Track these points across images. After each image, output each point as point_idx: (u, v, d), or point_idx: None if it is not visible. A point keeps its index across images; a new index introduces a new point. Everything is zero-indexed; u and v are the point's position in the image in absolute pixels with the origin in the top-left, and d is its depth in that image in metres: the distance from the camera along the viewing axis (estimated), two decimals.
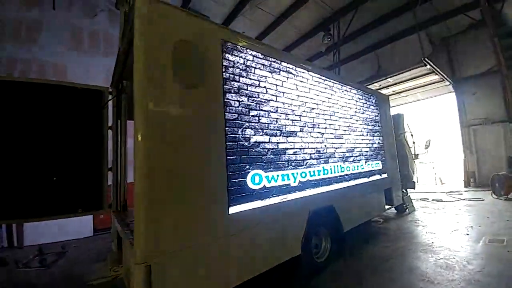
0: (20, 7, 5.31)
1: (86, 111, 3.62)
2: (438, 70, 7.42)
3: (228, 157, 2.53)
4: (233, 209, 2.49)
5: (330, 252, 3.64)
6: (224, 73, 2.62)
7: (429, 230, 4.77)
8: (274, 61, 3.19)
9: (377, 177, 4.89)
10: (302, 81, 3.55)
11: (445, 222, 5.24)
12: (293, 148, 3.25)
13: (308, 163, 3.42)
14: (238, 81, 2.75)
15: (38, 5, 5.53)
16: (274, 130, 3.04)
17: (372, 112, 5.13)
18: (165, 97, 2.17)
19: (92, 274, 3.09)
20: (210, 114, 2.45)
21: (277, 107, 3.13)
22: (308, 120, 3.54)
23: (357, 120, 4.60)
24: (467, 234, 4.37)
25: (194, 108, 2.35)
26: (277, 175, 2.98)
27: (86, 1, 6.17)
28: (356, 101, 4.69)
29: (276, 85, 3.17)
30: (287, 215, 3.01)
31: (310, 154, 3.49)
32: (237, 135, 2.64)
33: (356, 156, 4.39)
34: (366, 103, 4.97)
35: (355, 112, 4.60)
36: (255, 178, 2.73)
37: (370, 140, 4.88)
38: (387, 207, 5.28)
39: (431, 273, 3.09)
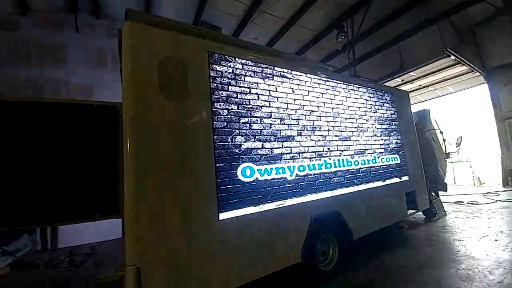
0: (45, 31, 6.02)
1: (103, 125, 4.00)
2: (464, 60, 6.69)
3: (218, 165, 2.59)
4: (223, 215, 2.54)
5: (338, 261, 3.47)
6: (212, 84, 2.71)
7: (457, 237, 4.29)
8: (266, 67, 3.20)
9: (395, 179, 4.55)
10: (299, 84, 3.50)
11: (476, 228, 4.75)
12: (290, 153, 3.20)
13: (307, 168, 3.33)
14: (227, 90, 2.81)
15: (62, 29, 6.25)
16: (267, 136, 3.04)
17: (386, 110, 4.81)
18: (152, 111, 2.32)
19: (107, 274, 3.38)
20: (197, 124, 2.55)
21: (270, 112, 3.12)
22: (307, 124, 3.46)
23: (367, 120, 4.36)
24: (496, 240, 3.94)
25: (181, 119, 2.47)
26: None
27: (107, 22, 6.83)
28: (366, 99, 4.45)
29: (269, 90, 3.17)
30: (284, 221, 2.96)
31: (310, 158, 3.40)
32: (227, 143, 2.70)
33: (367, 159, 4.15)
34: (378, 101, 4.68)
35: (365, 111, 4.36)
36: (246, 185, 2.76)
37: (384, 140, 4.58)
38: (411, 211, 4.88)
39: (448, 285, 2.79)
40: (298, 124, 3.37)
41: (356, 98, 4.27)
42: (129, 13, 2.42)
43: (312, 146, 3.46)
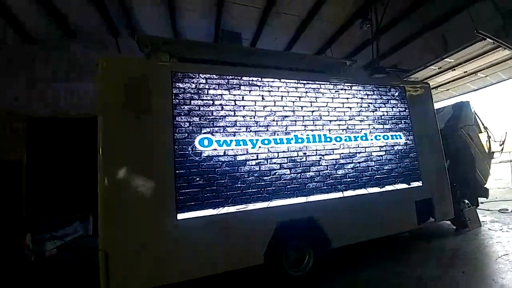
0: (92, 52, 7.34)
1: None
2: (503, 42, 5.27)
3: (177, 171, 2.95)
4: (181, 216, 2.90)
5: (313, 267, 3.42)
6: (174, 100, 3.08)
7: (476, 255, 3.60)
8: (232, 78, 3.39)
9: (399, 185, 4.09)
10: (270, 91, 3.56)
11: (506, 243, 3.89)
12: (256, 159, 3.33)
13: (276, 173, 3.39)
14: (189, 104, 3.14)
15: (107, 49, 7.55)
16: (230, 143, 3.24)
17: (392, 108, 4.33)
18: (119, 124, 2.85)
19: None
20: (159, 136, 2.96)
21: (235, 121, 3.31)
22: (278, 129, 3.50)
23: (361, 121, 4.04)
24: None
25: (146, 131, 2.93)
26: (230, 185, 3.16)
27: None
28: (362, 98, 4.12)
29: (235, 100, 3.36)
30: (245, 225, 3.13)
31: (281, 164, 3.44)
32: (187, 152, 3.03)
33: (357, 163, 3.87)
34: (380, 99, 4.25)
35: (359, 111, 4.05)
36: (205, 189, 3.04)
37: (387, 141, 4.15)
38: (429, 221, 4.29)
39: None
40: (267, 130, 3.45)
41: (347, 98, 4.02)
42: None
43: (284, 152, 3.48)
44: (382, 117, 4.22)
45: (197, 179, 3.03)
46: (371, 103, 4.18)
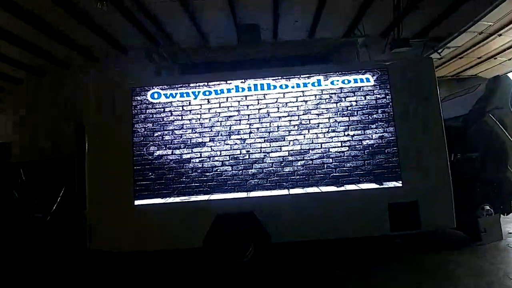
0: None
1: None
2: None
3: (135, 167, 3.78)
4: (138, 202, 3.73)
5: (253, 256, 3.67)
6: (133, 110, 3.86)
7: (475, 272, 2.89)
8: (180, 86, 3.86)
9: (368, 185, 3.63)
10: (216, 93, 3.83)
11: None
12: (200, 157, 3.76)
13: (218, 170, 3.73)
14: (145, 113, 3.85)
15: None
16: (177, 144, 3.79)
17: (365, 95, 3.75)
18: (95, 130, 3.87)
19: None
20: (121, 139, 3.83)
21: (182, 124, 3.82)
22: (222, 129, 3.78)
23: (319, 115, 3.75)
24: None
25: (114, 135, 3.86)
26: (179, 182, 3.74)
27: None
28: (321, 91, 3.78)
29: (182, 106, 3.84)
30: (188, 213, 3.69)
31: (223, 161, 3.74)
32: (142, 152, 3.80)
33: (310, 160, 3.68)
34: (346, 88, 3.77)
35: (317, 104, 3.76)
36: (156, 182, 3.75)
37: (351, 136, 3.70)
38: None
39: None
40: (211, 131, 3.79)
41: (302, 92, 3.80)
42: None
43: (226, 150, 3.76)
44: (349, 108, 3.75)
45: (150, 174, 3.77)
46: (334, 93, 3.78)
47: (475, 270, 3.14)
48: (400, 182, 3.61)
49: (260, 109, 3.80)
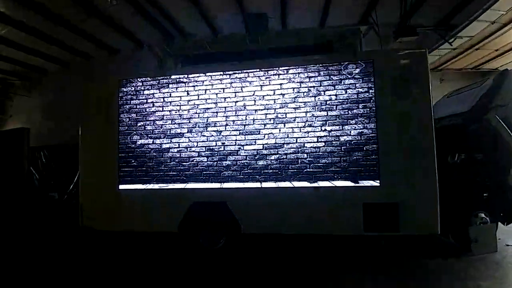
0: None
1: None
2: None
3: (120, 154, 4.04)
4: (121, 186, 4.01)
5: (225, 244, 3.78)
6: (120, 101, 4.09)
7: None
8: (162, 78, 3.99)
9: (341, 183, 3.48)
10: (195, 86, 3.90)
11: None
12: (178, 148, 3.89)
13: (194, 160, 3.84)
14: (129, 104, 4.07)
15: None
16: (158, 134, 3.96)
17: (346, 89, 3.55)
18: (87, 119, 4.20)
19: None
20: (109, 128, 4.10)
21: (163, 115, 3.96)
22: (199, 121, 3.86)
23: (296, 108, 3.64)
24: None
25: (103, 125, 4.14)
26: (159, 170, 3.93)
27: None
28: (299, 83, 3.65)
29: (164, 97, 3.98)
30: (164, 199, 3.87)
31: (199, 152, 3.84)
32: (126, 140, 4.04)
33: (284, 154, 3.62)
34: (326, 81, 3.59)
35: (294, 98, 3.65)
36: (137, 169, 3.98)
37: (328, 131, 3.55)
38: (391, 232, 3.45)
39: None
40: (189, 122, 3.89)
41: (280, 84, 3.70)
42: None
43: (203, 142, 3.84)
44: (328, 102, 3.58)
45: (132, 161, 4.00)
46: (313, 86, 3.63)
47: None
48: (378, 181, 3.41)
49: (236, 102, 3.80)
